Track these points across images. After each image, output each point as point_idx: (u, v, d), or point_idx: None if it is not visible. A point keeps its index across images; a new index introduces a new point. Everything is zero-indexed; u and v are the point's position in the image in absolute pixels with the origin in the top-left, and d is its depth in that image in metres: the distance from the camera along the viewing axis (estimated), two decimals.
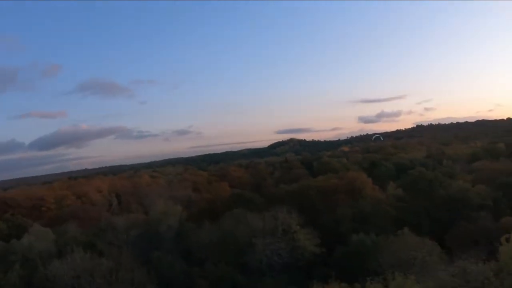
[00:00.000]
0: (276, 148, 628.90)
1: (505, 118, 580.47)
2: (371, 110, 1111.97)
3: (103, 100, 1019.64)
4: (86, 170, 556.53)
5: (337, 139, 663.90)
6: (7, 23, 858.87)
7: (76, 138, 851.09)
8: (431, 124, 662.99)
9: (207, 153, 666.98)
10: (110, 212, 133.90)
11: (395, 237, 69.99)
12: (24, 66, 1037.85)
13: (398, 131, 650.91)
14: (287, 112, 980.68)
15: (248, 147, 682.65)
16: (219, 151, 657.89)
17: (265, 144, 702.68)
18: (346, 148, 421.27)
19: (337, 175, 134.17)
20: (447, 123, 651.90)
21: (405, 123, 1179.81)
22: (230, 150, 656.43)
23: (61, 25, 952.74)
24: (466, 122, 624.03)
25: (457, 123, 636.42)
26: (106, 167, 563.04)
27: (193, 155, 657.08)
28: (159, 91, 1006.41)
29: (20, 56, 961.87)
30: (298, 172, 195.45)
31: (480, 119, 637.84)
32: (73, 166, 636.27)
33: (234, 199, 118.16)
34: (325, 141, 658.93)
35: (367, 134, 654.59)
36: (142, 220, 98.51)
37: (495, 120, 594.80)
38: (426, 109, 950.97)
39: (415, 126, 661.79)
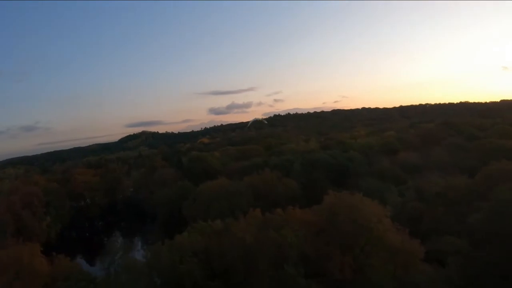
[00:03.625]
0: (127, 142, 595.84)
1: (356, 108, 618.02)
2: (222, 101, 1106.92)
3: None
4: None
5: (190, 130, 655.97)
6: None
7: None
8: (289, 114, 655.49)
9: (55, 149, 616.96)
10: None
11: None
12: None
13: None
14: (136, 105, 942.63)
15: (98, 142, 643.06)
16: (68, 147, 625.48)
17: (115, 138, 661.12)
18: (205, 140, 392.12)
19: None
20: (301, 113, 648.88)
21: (255, 114, 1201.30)
22: (79, 146, 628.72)
23: None
24: (323, 112, 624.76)
25: (314, 112, 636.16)
26: None
27: (40, 152, 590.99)
28: (4, 82, 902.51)
29: None
30: (165, 172, 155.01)
31: (327, 109, 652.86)
32: None
33: None
34: (179, 133, 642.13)
35: (221, 125, 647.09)
36: None
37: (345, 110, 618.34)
38: (276, 100, 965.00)
39: (267, 117, 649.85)
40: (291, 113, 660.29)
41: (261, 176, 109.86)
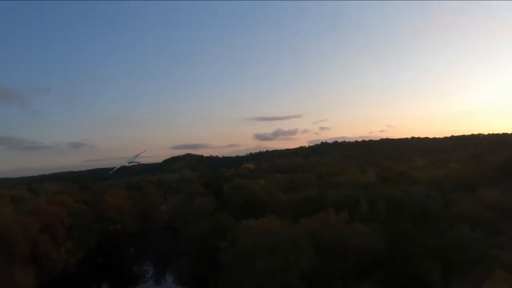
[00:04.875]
0: (171, 164, 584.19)
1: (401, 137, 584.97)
2: (268, 127, 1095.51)
3: None
4: None
5: (236, 155, 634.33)
6: None
7: None
8: (336, 142, 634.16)
9: (100, 167, 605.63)
10: None
11: None
12: None
13: (301, 148, 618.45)
14: (183, 127, 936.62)
15: (142, 162, 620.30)
16: (112, 166, 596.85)
17: (159, 159, 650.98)
18: (250, 166, 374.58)
19: None
20: (348, 141, 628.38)
21: (301, 141, 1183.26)
22: (123, 165, 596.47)
23: None
24: (371, 140, 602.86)
25: (362, 141, 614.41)
26: None
27: (85, 169, 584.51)
28: (55, 100, 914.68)
29: None
30: (202, 201, 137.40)
31: (373, 139, 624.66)
32: None
33: None
34: (223, 157, 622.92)
35: (267, 151, 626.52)
36: None
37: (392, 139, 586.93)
38: (322, 128, 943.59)
39: (314, 144, 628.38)
40: (339, 141, 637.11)
41: (323, 218, 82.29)
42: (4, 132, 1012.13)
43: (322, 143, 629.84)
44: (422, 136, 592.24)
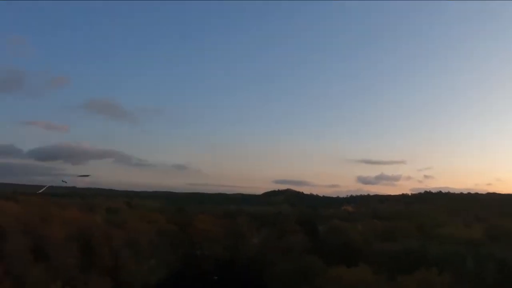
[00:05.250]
0: (271, 197, 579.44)
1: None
2: (371, 171, 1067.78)
3: (107, 121, 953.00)
4: (74, 188, 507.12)
5: (336, 196, 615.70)
6: (16, 23, 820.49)
7: (74, 155, 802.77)
8: (440, 192, 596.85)
9: (201, 191, 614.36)
10: None
11: None
12: (32, 72, 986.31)
13: (404, 196, 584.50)
14: (286, 161, 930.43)
15: (242, 192, 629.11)
16: (212, 191, 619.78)
17: (259, 191, 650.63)
18: (350, 208, 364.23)
19: None
20: (453, 192, 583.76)
21: (404, 188, 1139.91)
22: (223, 192, 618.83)
23: (77, 36, 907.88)
24: (477, 194, 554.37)
25: (468, 194, 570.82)
26: (96, 188, 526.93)
27: (186, 191, 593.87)
28: (164, 121, 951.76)
29: (28, 60, 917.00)
30: (294, 239, 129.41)
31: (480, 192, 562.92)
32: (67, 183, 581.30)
33: None
34: (323, 197, 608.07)
35: (368, 195, 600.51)
36: None
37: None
38: (426, 176, 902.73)
39: (417, 193, 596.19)
40: (443, 191, 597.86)
41: (423, 277, 70.88)
42: (114, 146, 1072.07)
43: (425, 192, 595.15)
44: None
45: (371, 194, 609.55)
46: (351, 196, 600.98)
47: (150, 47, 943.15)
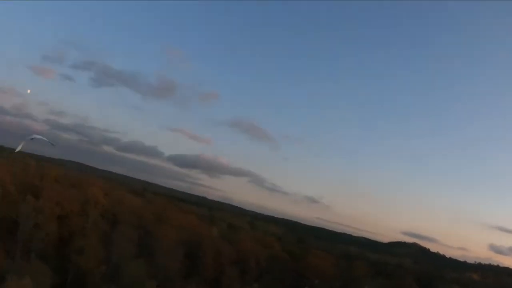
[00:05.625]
0: (395, 247, 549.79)
1: None
2: (505, 240, 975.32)
3: (249, 142, 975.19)
4: (205, 199, 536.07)
5: (463, 260, 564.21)
6: (176, 36, 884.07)
7: (212, 168, 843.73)
8: None
9: (328, 228, 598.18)
10: None
11: None
12: (184, 83, 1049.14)
13: None
14: (418, 214, 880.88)
15: (367, 237, 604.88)
16: (338, 230, 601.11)
17: (385, 239, 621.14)
18: (475, 276, 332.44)
19: None
20: None
21: None
22: (349, 232, 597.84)
23: (231, 56, 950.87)
24: None
25: None
26: (226, 203, 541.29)
27: (311, 224, 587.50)
28: (304, 151, 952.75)
29: (183, 72, 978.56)
30: None
31: None
32: (199, 192, 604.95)
33: None
34: (450, 258, 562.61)
35: (497, 266, 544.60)
36: None
37: None
38: None
39: None
40: None
41: None
42: (251, 166, 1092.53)
43: None
44: None
45: (502, 265, 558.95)
46: (479, 264, 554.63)
47: (303, 84, 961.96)
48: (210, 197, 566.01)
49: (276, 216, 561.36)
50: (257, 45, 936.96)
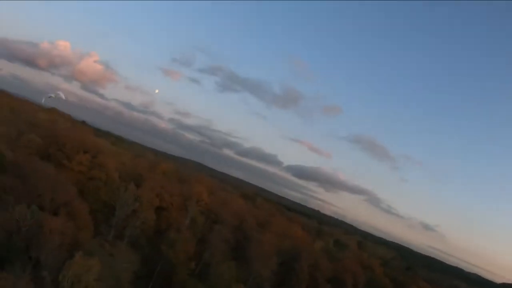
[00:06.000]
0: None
1: None
2: None
3: (368, 159, 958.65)
4: (318, 212, 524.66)
5: None
6: (302, 48, 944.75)
7: (329, 182, 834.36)
8: None
9: (436, 257, 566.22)
10: None
11: None
12: (307, 94, 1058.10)
13: None
14: None
15: (480, 274, 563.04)
16: (448, 262, 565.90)
17: (499, 279, 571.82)
18: None
19: None
20: None
21: None
22: (459, 266, 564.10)
23: (355, 71, 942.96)
24: None
25: None
26: (339, 220, 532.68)
27: (423, 252, 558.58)
28: (425, 175, 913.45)
29: (307, 84, 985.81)
30: None
31: None
32: (313, 205, 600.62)
33: None
34: None
35: None
36: None
37: None
38: None
39: None
40: None
41: None
42: (368, 186, 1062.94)
43: None
44: None
45: None
46: None
47: (427, 100, 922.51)
48: (323, 211, 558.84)
49: (387, 238, 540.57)
50: (383, 64, 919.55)
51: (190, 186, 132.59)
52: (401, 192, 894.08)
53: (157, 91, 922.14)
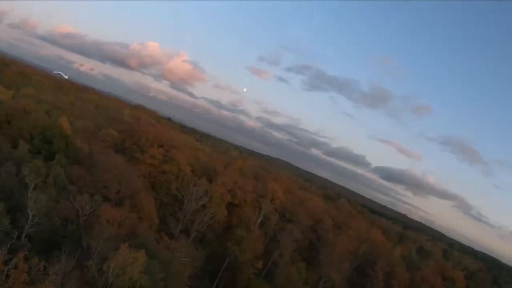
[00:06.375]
0: None
1: None
2: None
3: (459, 163, 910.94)
4: (405, 217, 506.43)
5: None
6: (391, 46, 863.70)
7: (418, 186, 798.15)
8: None
9: None
10: None
11: None
12: (396, 94, 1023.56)
13: None
14: None
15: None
16: None
17: None
18: None
19: None
20: None
21: None
22: None
23: (445, 70, 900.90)
24: None
25: None
26: (426, 226, 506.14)
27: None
28: None
29: (395, 83, 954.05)
30: None
31: None
32: (400, 209, 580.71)
33: None
34: None
35: None
36: None
37: None
38: None
39: None
40: None
41: None
42: (458, 191, 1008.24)
43: None
44: None
45: None
46: None
47: None
48: (410, 216, 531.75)
49: (475, 248, 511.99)
50: (478, 62, 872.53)
51: (265, 183, 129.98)
52: (493, 199, 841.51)
53: (245, 89, 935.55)
